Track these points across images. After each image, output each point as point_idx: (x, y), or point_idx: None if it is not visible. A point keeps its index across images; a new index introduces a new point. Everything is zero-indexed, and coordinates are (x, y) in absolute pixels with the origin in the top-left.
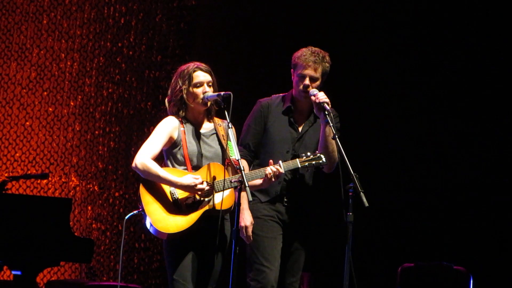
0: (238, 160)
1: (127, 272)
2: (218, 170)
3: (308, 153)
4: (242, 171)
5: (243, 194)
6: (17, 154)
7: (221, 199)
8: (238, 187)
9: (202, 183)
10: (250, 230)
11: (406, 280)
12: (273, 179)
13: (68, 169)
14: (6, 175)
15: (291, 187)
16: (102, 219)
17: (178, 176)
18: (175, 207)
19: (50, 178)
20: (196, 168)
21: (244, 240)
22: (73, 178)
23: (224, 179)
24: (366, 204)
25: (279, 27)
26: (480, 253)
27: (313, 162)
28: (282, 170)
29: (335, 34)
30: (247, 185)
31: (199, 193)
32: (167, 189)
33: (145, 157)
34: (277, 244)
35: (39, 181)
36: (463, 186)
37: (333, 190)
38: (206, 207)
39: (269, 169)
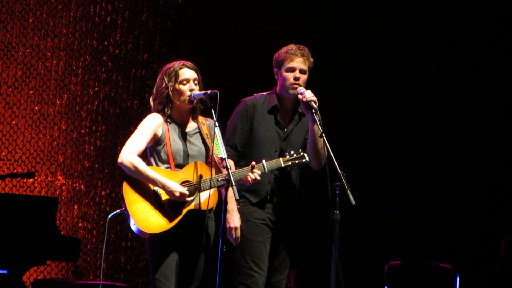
0: (224, 159)
1: (113, 271)
2: (203, 169)
3: (292, 152)
4: (229, 170)
5: (231, 194)
6: (3, 153)
7: (207, 197)
8: (225, 186)
9: (185, 197)
10: (238, 231)
11: (392, 278)
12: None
13: (54, 168)
14: None
15: (281, 185)
16: (89, 218)
17: (166, 177)
18: (158, 206)
19: (36, 177)
20: (179, 166)
21: (231, 241)
22: (59, 177)
23: (211, 178)
24: (353, 202)
25: (265, 26)
26: (467, 251)
27: (297, 161)
28: (265, 170)
29: (321, 32)
30: (234, 183)
31: (182, 199)
32: (151, 188)
33: (131, 154)
34: (266, 248)
35: (25, 180)
36: (449, 185)
37: (320, 188)
38: (190, 207)
39: (252, 175)
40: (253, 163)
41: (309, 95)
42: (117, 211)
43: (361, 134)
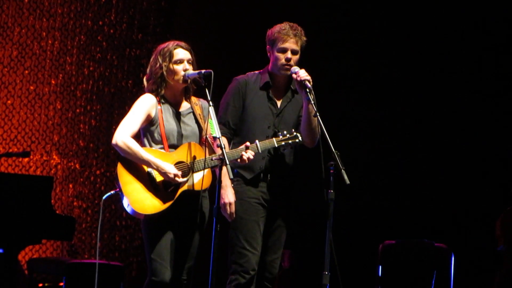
0: (218, 138)
1: (108, 250)
2: (197, 150)
3: (285, 132)
4: (223, 149)
5: (224, 171)
6: None
7: (201, 178)
8: (219, 165)
9: (179, 177)
10: (233, 207)
11: (387, 257)
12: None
13: (50, 147)
14: None
15: (275, 162)
16: (83, 197)
17: (160, 159)
18: (152, 187)
19: (31, 156)
20: (173, 147)
21: (226, 217)
22: (54, 156)
23: (205, 158)
24: (347, 182)
25: (260, 5)
26: (461, 230)
27: (290, 141)
28: (259, 151)
29: (316, 9)
30: (227, 162)
31: (176, 181)
32: (145, 169)
33: (125, 135)
34: (260, 228)
35: (20, 159)
36: (445, 164)
37: (314, 167)
38: (184, 188)
39: (245, 155)
40: (247, 143)
41: (303, 74)
42: (112, 192)
43: (355, 112)
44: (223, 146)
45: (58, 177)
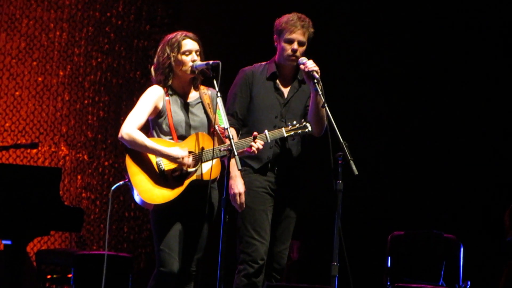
0: (226, 129)
1: (116, 241)
2: (205, 140)
3: (294, 122)
4: (231, 140)
5: (233, 162)
6: (7, 124)
7: (210, 168)
8: (227, 156)
9: (188, 157)
10: (243, 197)
11: (396, 248)
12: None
13: (58, 138)
14: None
15: (282, 152)
16: (92, 189)
17: (165, 146)
18: (161, 177)
19: (39, 148)
20: (181, 137)
21: (236, 207)
22: (62, 148)
23: (213, 148)
24: (356, 172)
25: None
26: (470, 221)
27: (299, 131)
28: (268, 140)
29: (325, 3)
30: (236, 153)
31: (185, 166)
32: (153, 159)
33: (131, 128)
34: (268, 217)
35: (28, 151)
36: (454, 155)
37: (322, 158)
38: (193, 178)
39: (255, 145)
40: (255, 133)
41: (311, 65)
42: (120, 182)
43: (363, 102)
44: (231, 137)
45: (67, 168)
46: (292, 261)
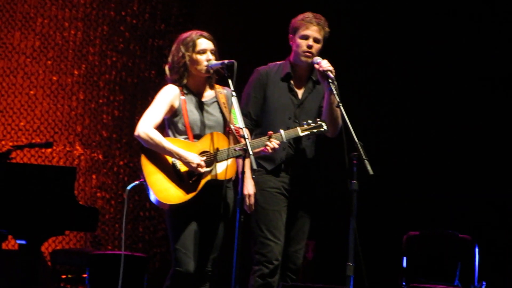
0: (241, 128)
1: (132, 241)
2: (221, 140)
3: (310, 121)
4: (247, 139)
5: (247, 162)
6: (22, 123)
7: (225, 168)
8: (242, 156)
9: (203, 167)
10: (252, 198)
11: (411, 248)
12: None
13: (73, 138)
14: (10, 144)
15: (296, 153)
16: (107, 188)
17: (183, 148)
18: (177, 177)
19: (54, 147)
20: (197, 137)
21: (246, 209)
22: (77, 147)
23: (228, 148)
24: (371, 172)
25: None
26: (486, 221)
27: (315, 130)
28: (284, 139)
29: (340, 2)
30: (251, 153)
31: (199, 171)
32: (169, 159)
33: (148, 126)
34: (282, 217)
35: (43, 150)
36: (469, 155)
37: (337, 158)
38: (208, 177)
39: (270, 144)
40: (270, 132)
41: (325, 64)
42: (136, 182)
43: (378, 102)
44: (246, 137)
45: (81, 168)
46: (308, 261)
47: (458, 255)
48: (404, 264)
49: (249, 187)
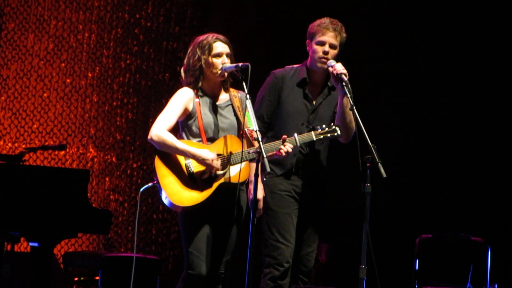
0: (256, 131)
1: (144, 244)
2: (234, 143)
3: (324, 126)
4: (261, 142)
5: (259, 165)
6: (35, 126)
7: (239, 171)
8: (256, 159)
9: (217, 159)
10: (261, 203)
11: (424, 251)
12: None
13: (86, 140)
14: (23, 146)
15: (306, 158)
16: (120, 191)
17: (195, 148)
18: (190, 180)
19: (67, 150)
20: (211, 140)
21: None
22: (90, 149)
23: (242, 151)
24: (384, 175)
25: None
26: (498, 224)
27: (328, 135)
28: (297, 144)
29: (356, 4)
30: (265, 156)
31: (213, 169)
32: (182, 162)
33: (161, 129)
34: (293, 220)
35: (56, 153)
36: (481, 157)
37: (351, 161)
38: (222, 180)
39: (284, 148)
40: (284, 136)
41: (339, 67)
42: (149, 184)
43: (391, 106)
44: (260, 140)
45: (95, 170)
46: (320, 264)
47: (471, 258)
48: (417, 267)
49: (259, 191)
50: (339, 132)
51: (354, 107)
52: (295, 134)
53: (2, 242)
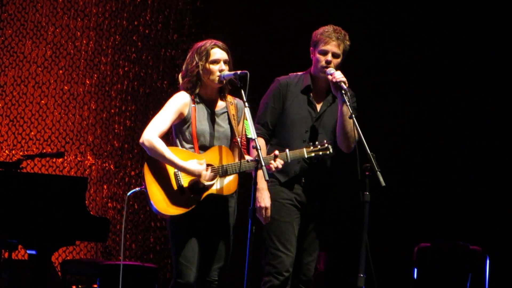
0: (254, 139)
1: (142, 252)
2: (226, 154)
3: (317, 143)
4: (259, 151)
5: (260, 173)
6: (32, 133)
7: (228, 183)
8: (254, 167)
9: (207, 170)
10: (269, 211)
11: (422, 260)
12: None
13: (84, 147)
14: (21, 153)
15: (310, 166)
16: (118, 198)
17: (184, 159)
18: (178, 189)
19: (65, 157)
20: (203, 147)
21: (261, 220)
22: (88, 157)
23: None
24: (383, 184)
25: (297, 4)
26: (497, 233)
27: (320, 153)
28: (288, 160)
29: (355, 13)
30: (263, 164)
31: (202, 180)
32: (171, 170)
33: (153, 135)
34: (294, 229)
35: (54, 160)
36: (480, 166)
37: (350, 169)
38: (211, 191)
39: (274, 164)
40: (276, 152)
41: (339, 75)
42: (137, 189)
43: (390, 114)
44: (258, 148)
45: (93, 178)
46: (319, 272)
47: (469, 267)
48: (415, 276)
49: (266, 200)
50: (331, 150)
51: (354, 116)
52: (287, 150)
53: (0, 250)
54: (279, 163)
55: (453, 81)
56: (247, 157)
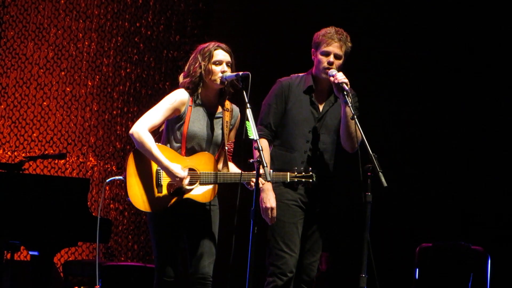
0: (255, 141)
1: (144, 253)
2: (209, 162)
3: (301, 169)
4: (261, 152)
5: (261, 175)
6: (34, 134)
7: (208, 190)
8: (256, 167)
9: (187, 177)
10: (275, 212)
11: (424, 260)
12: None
13: (86, 149)
14: (23, 155)
15: (314, 166)
16: (120, 199)
17: (170, 160)
18: (157, 187)
19: (67, 158)
20: (191, 150)
21: (267, 221)
22: (90, 158)
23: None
24: (385, 184)
25: (298, 6)
26: (498, 233)
27: (303, 180)
28: (267, 179)
29: (356, 15)
30: (265, 164)
31: (181, 184)
32: (155, 167)
33: (142, 128)
34: (298, 230)
35: (56, 161)
36: (482, 167)
37: (352, 170)
38: (186, 196)
39: (253, 184)
40: (261, 171)
41: (340, 77)
42: (116, 177)
43: (392, 115)
44: (260, 149)
45: (95, 179)
46: (321, 273)
47: (471, 267)
48: (417, 276)
49: (271, 200)
50: (314, 179)
51: (356, 116)
52: (270, 171)
53: (2, 251)
54: (260, 182)
55: (455, 81)
56: (231, 166)
